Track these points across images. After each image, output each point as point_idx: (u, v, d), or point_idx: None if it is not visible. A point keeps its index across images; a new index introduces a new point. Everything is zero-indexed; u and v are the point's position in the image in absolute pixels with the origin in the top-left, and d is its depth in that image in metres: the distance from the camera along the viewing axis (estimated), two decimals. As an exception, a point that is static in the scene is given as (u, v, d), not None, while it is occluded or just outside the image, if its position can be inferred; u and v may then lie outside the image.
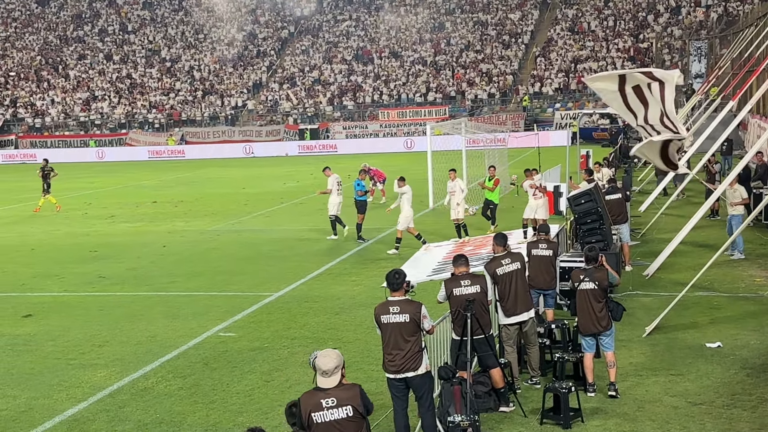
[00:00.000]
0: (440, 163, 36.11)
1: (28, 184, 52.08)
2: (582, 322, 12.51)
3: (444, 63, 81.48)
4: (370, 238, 26.53)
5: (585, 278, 12.43)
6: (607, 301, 12.45)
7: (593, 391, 12.41)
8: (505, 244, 13.18)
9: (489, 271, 12.78)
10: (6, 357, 15.31)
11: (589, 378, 12.52)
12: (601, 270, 12.50)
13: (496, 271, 12.74)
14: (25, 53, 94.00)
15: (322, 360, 7.95)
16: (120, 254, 25.68)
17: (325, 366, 7.92)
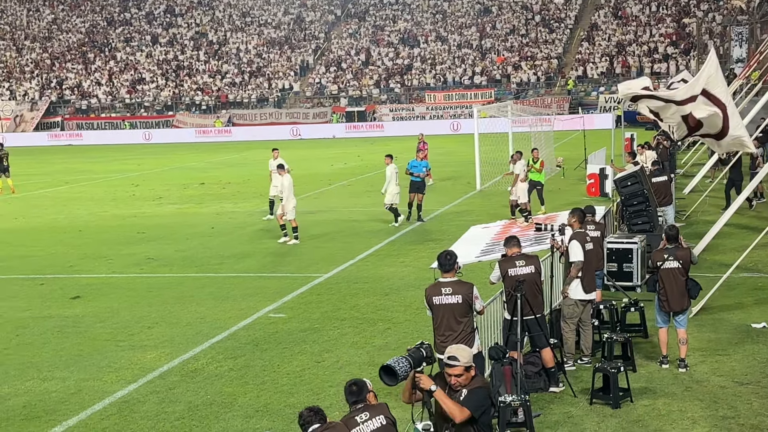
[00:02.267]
0: (486, 146, 35.91)
1: (75, 165, 52.66)
2: (666, 300, 12.61)
3: (490, 46, 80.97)
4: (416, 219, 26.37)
5: (669, 257, 12.59)
6: (687, 279, 12.61)
7: (667, 363, 12.61)
8: (583, 219, 13.39)
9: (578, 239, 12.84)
10: (55, 339, 15.36)
11: (663, 350, 12.75)
12: (684, 249, 12.75)
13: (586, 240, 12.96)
14: (71, 35, 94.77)
15: None
16: (168, 236, 25.76)
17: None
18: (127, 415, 11.60)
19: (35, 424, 11.44)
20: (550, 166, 37.41)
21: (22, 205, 34.23)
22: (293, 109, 78.56)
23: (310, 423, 7.52)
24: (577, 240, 12.82)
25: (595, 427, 10.72)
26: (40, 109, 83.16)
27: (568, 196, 29.16)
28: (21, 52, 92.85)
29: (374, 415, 7.90)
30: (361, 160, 48.70)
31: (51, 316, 16.94)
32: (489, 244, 15.32)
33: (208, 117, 79.28)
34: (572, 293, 12.79)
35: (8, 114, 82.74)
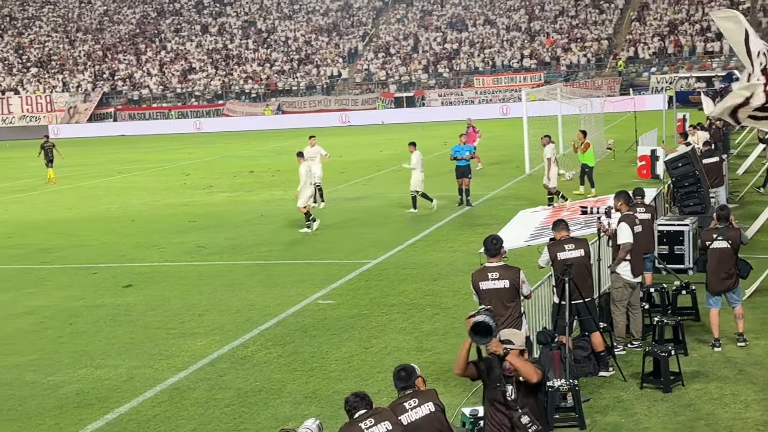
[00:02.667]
0: (536, 129, 35.60)
1: (127, 155, 53.25)
2: (713, 281, 12.55)
3: (539, 29, 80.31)
4: (456, 203, 26.31)
5: (718, 237, 12.49)
6: (736, 259, 12.50)
7: (719, 346, 12.45)
8: (629, 201, 13.27)
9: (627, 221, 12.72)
10: (107, 327, 15.55)
11: (714, 333, 12.60)
12: (734, 229, 12.64)
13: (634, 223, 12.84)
14: (123, 27, 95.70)
15: None
16: (218, 224, 25.93)
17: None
18: (178, 402, 11.71)
19: (88, 412, 11.59)
20: (600, 148, 37.07)
21: (75, 196, 34.70)
22: (342, 96, 78.65)
23: (357, 408, 7.51)
24: (625, 222, 12.67)
25: (646, 411, 10.60)
26: (93, 101, 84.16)
27: (619, 179, 28.83)
28: (74, 45, 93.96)
29: (423, 401, 7.88)
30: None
31: (104, 304, 17.14)
32: (538, 228, 15.20)
33: (257, 105, 79.68)
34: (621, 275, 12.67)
35: (62, 105, 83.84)
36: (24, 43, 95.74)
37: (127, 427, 11.02)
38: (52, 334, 15.31)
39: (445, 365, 12.41)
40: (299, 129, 70.34)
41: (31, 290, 18.69)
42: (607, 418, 10.48)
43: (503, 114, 68.34)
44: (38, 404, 11.96)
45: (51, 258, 22.21)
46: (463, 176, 26.23)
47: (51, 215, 29.59)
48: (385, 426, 7.43)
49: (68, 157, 46.92)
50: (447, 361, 12.58)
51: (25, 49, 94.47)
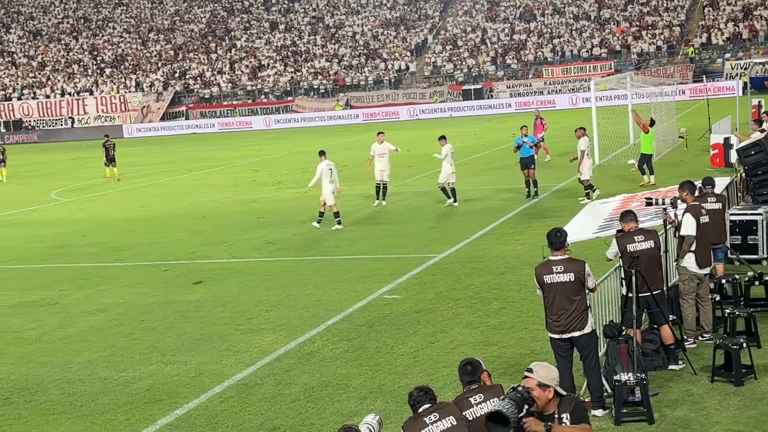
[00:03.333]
0: (605, 119, 35.21)
1: (199, 153, 53.90)
2: None
3: (609, 17, 79.24)
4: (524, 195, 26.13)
5: None
6: None
7: None
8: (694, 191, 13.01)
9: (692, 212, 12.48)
10: (177, 323, 15.74)
11: None
12: None
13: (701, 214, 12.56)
14: (193, 26, 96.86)
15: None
16: (286, 220, 26.10)
17: None
18: (245, 398, 11.81)
19: (158, 407, 11.75)
20: (672, 137, 36.51)
21: (148, 194, 35.23)
22: (410, 90, 78.60)
23: (420, 402, 7.49)
24: (690, 213, 12.42)
25: (717, 405, 10.39)
26: (165, 100, 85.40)
27: (691, 168, 28.34)
28: (146, 45, 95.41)
29: (488, 397, 7.82)
30: (477, 139, 48.41)
31: (174, 301, 17.36)
32: (607, 220, 15.02)
33: (326, 101, 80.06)
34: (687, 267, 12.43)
35: (136, 105, 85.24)
36: (98, 44, 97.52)
37: (195, 423, 11.15)
38: (124, 330, 15.55)
39: (510, 360, 12.33)
40: (368, 123, 70.58)
41: (104, 287, 19.01)
42: (677, 413, 10.30)
43: (572, 104, 67.68)
44: (110, 400, 12.16)
45: (123, 256, 22.58)
46: (527, 167, 26.08)
47: (124, 213, 30.09)
48: (450, 421, 7.39)
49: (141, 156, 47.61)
50: (513, 356, 12.51)
51: (100, 50, 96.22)
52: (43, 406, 12.13)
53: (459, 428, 7.41)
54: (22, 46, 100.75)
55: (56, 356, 14.29)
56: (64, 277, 20.35)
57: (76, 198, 35.89)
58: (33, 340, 15.34)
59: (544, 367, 7.15)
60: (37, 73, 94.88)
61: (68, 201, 35.11)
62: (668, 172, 27.30)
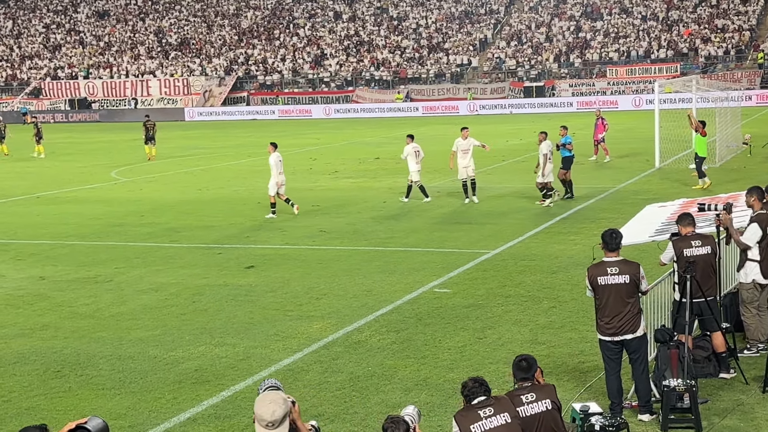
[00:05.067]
0: (669, 122, 34.80)
1: (258, 139, 54.20)
2: None
3: (677, 18, 78.19)
4: (591, 197, 25.92)
5: None
6: None
7: None
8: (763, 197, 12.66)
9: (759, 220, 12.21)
10: (228, 306, 15.88)
11: None
12: None
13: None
14: (258, 12, 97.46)
15: (263, 411, 5.82)
16: (341, 209, 26.21)
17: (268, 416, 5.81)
18: (291, 383, 11.87)
19: (205, 388, 11.87)
20: (736, 143, 35.97)
21: (206, 177, 35.57)
22: (471, 84, 78.36)
23: (475, 394, 7.46)
24: (756, 223, 12.19)
25: (767, 416, 10.23)
26: (227, 85, 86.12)
27: (753, 175, 27.87)
28: (211, 29, 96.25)
29: (540, 398, 7.80)
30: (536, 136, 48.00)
31: (226, 284, 17.51)
32: (664, 224, 14.82)
33: (386, 92, 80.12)
34: (749, 276, 12.23)
35: (198, 89, 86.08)
36: (164, 27, 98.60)
37: (240, 405, 11.24)
38: (176, 311, 15.73)
39: (558, 359, 12.26)
40: (427, 116, 70.52)
41: (159, 267, 19.24)
42: (726, 422, 10.17)
43: (635, 106, 67.02)
44: (158, 378, 12.31)
45: (179, 237, 22.83)
46: (562, 167, 25.99)
47: (182, 195, 30.42)
48: (504, 417, 7.36)
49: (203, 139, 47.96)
50: (561, 355, 12.44)
51: (165, 33, 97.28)
52: (93, 380, 12.32)
53: (512, 427, 7.37)
54: (89, 25, 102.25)
55: (108, 332, 14.50)
56: (120, 255, 20.64)
57: (136, 178, 36.36)
58: (87, 316, 15.58)
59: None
60: (104, 52, 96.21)
61: (128, 180, 35.59)
62: (731, 177, 26.94)
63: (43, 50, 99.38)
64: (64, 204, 29.44)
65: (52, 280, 18.40)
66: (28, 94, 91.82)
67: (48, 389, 12.07)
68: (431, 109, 74.68)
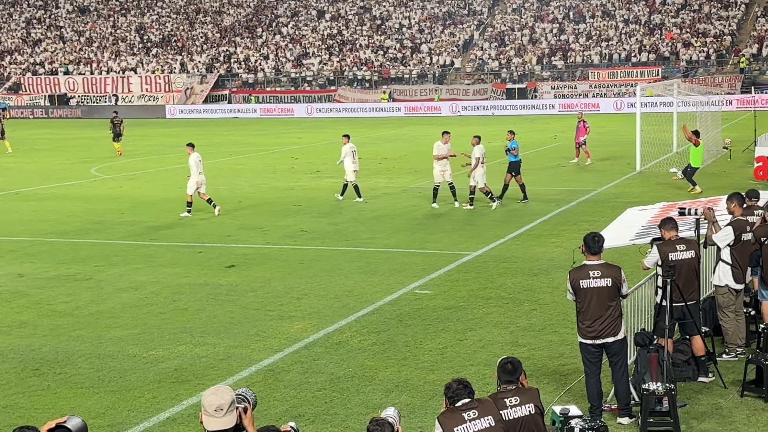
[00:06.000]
0: (650, 125, 34.99)
1: (239, 138, 54.18)
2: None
3: (659, 22, 78.58)
4: (572, 200, 26.02)
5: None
6: None
7: None
8: (743, 204, 12.94)
9: (736, 226, 12.41)
10: (209, 306, 15.86)
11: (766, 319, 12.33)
12: None
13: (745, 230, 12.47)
14: (241, 10, 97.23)
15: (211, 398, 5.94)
16: (322, 209, 26.20)
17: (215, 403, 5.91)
18: (272, 383, 11.89)
19: (185, 388, 11.86)
20: (716, 147, 36.19)
21: (186, 175, 35.39)
22: (453, 86, 78.46)
23: (460, 396, 7.44)
24: (731, 226, 12.30)
25: (745, 420, 10.34)
26: (209, 82, 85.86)
27: (733, 179, 28.10)
28: (193, 26, 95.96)
29: (524, 402, 7.82)
30: (518, 138, 48.08)
31: (207, 283, 17.49)
32: (645, 227, 14.90)
33: (369, 92, 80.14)
34: (723, 280, 12.33)
35: (180, 86, 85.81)
36: (146, 23, 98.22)
37: (220, 405, 11.21)
38: (156, 310, 15.70)
39: (539, 362, 12.32)
40: (409, 117, 70.58)
41: (139, 266, 19.20)
42: (704, 425, 10.26)
43: (617, 109, 67.30)
44: (138, 377, 12.29)
45: (159, 235, 22.78)
46: (510, 172, 26.42)
47: (162, 193, 30.34)
48: (488, 421, 7.35)
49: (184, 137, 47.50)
50: (541, 358, 12.51)
51: (147, 30, 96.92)
52: (72, 379, 12.29)
53: (496, 430, 7.38)
54: (70, 21, 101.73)
55: (87, 331, 14.46)
56: (99, 253, 20.58)
57: (116, 175, 36.22)
58: (66, 314, 15.53)
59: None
60: (84, 48, 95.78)
61: (108, 177, 35.47)
62: (710, 182, 27.09)
63: (23, 45, 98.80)
64: (43, 201, 29.30)
65: (31, 277, 18.33)
66: (7, 89, 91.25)
67: (26, 387, 12.03)
68: (413, 109, 74.72)
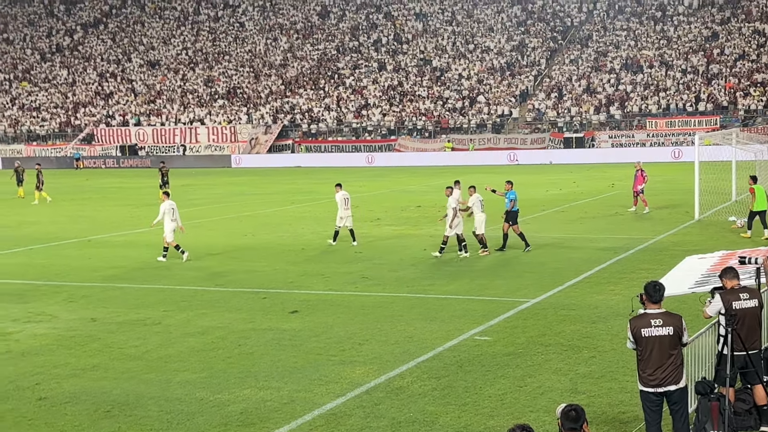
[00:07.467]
0: (708, 174, 34.63)
1: (302, 186, 54.68)
2: None
3: (716, 72, 77.95)
4: (630, 248, 25.79)
5: None
6: None
7: None
8: None
9: None
10: (273, 350, 15.98)
11: None
12: None
13: None
14: (305, 63, 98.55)
15: None
16: (383, 256, 26.29)
17: None
18: (334, 428, 11.92)
19: (250, 431, 11.94)
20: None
21: (252, 223, 35.85)
22: (511, 135, 78.50)
23: None
24: None
25: (807, 470, 10.11)
26: (273, 133, 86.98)
27: None
28: (258, 79, 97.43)
29: None
30: (576, 186, 48.01)
31: (271, 328, 17.62)
32: (704, 276, 14.69)
33: (428, 141, 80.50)
34: None
35: (245, 137, 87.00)
36: (213, 76, 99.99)
37: (284, 448, 11.30)
38: (222, 354, 15.85)
39: (598, 409, 12.20)
40: (468, 165, 70.65)
41: (205, 311, 19.41)
42: (765, 475, 10.05)
43: (674, 158, 66.74)
44: (205, 420, 12.40)
45: (224, 281, 23.03)
46: (508, 221, 26.40)
47: (227, 240, 30.67)
48: None
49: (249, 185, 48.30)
50: (601, 405, 12.38)
51: (214, 82, 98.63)
52: (141, 421, 12.44)
53: None
54: (141, 74, 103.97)
55: (156, 374, 14.65)
56: (167, 299, 20.87)
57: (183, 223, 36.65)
58: (136, 357, 15.76)
59: None
60: (154, 100, 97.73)
61: (176, 225, 35.92)
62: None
63: (97, 98, 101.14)
64: (114, 248, 29.82)
65: (103, 321, 18.64)
66: (80, 140, 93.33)
67: (98, 429, 12.21)
68: (471, 158, 74.79)
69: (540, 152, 74.30)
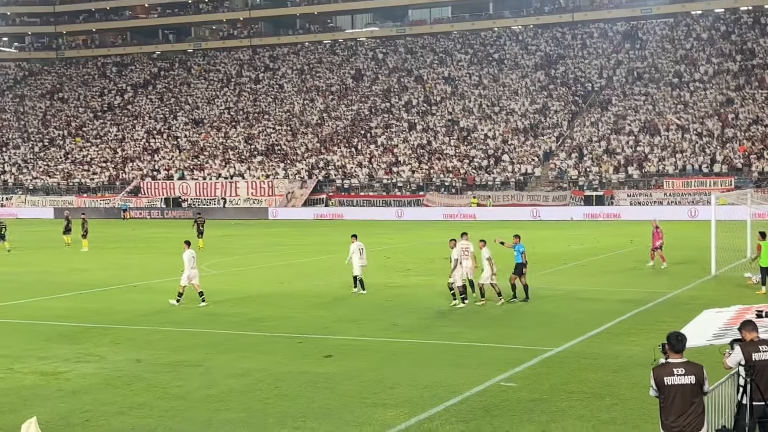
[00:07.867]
0: (724, 232, 34.39)
1: (336, 238, 54.75)
2: None
3: (731, 136, 77.75)
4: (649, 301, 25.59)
5: None
6: None
7: None
8: None
9: None
10: (308, 392, 15.95)
11: None
12: None
13: None
14: (339, 122, 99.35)
15: None
16: (412, 304, 26.25)
17: None
18: (367, 467, 11.85)
19: (286, 468, 11.90)
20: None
21: (288, 272, 35.95)
22: (534, 192, 78.45)
23: None
24: None
25: None
26: (308, 187, 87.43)
27: None
28: (296, 137, 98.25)
29: None
30: (596, 242, 47.80)
31: (306, 371, 17.60)
32: (722, 328, 14.57)
33: (455, 197, 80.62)
34: None
35: (282, 191, 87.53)
36: (253, 134, 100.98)
37: (319, 486, 11.23)
38: (260, 395, 15.84)
39: (620, 454, 12.05)
40: (492, 221, 70.61)
41: (244, 354, 19.44)
42: None
43: (691, 216, 66.39)
44: (243, 458, 12.37)
45: (262, 326, 23.06)
46: (515, 273, 26.23)
47: (265, 288, 30.76)
48: None
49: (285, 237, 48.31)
50: (623, 451, 12.23)
51: (254, 140, 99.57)
52: (183, 457, 12.43)
53: None
54: (186, 132, 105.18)
55: (198, 413, 14.66)
56: (209, 342, 20.91)
57: (224, 271, 36.91)
58: (179, 397, 15.78)
59: None
60: (198, 156, 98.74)
61: (217, 273, 36.13)
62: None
63: (144, 153, 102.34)
64: (159, 293, 29.93)
65: (148, 363, 18.69)
66: (128, 192, 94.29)
67: (143, 463, 12.20)
68: (496, 214, 74.78)
69: (561, 209, 74.17)
